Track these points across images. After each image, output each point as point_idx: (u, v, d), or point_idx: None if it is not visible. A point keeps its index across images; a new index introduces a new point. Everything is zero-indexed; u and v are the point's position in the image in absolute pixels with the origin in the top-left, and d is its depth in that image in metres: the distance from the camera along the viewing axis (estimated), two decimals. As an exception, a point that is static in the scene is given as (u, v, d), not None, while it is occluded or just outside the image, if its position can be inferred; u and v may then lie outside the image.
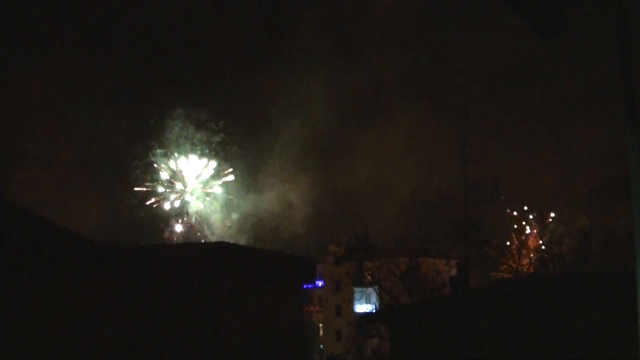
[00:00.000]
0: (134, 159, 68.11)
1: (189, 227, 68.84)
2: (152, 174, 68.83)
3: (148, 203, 69.31)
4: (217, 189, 70.10)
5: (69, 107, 73.93)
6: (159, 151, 68.23)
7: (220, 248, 26.61)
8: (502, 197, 55.77)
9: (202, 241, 65.25)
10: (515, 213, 63.22)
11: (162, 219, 69.42)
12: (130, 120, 70.35)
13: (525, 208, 63.29)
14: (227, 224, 68.19)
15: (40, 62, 73.51)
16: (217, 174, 70.20)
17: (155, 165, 68.86)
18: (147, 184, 68.87)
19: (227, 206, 69.29)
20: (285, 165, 70.25)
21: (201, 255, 23.43)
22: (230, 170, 70.22)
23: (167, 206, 69.57)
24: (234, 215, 68.85)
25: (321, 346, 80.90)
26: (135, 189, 69.07)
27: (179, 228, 70.00)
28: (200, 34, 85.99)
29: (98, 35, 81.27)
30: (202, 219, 69.50)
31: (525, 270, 56.42)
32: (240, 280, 22.63)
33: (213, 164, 70.44)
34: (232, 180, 69.83)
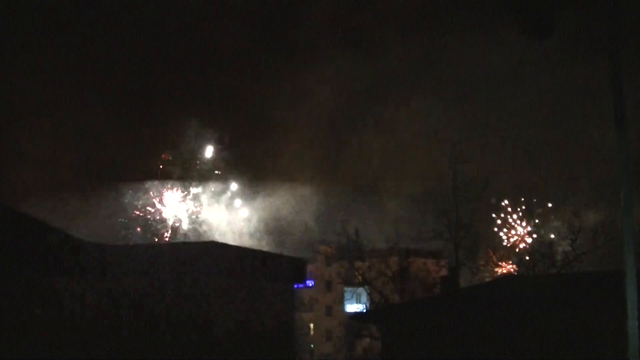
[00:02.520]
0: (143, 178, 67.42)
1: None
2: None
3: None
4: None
5: (69, 108, 73.60)
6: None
7: (211, 247, 26.59)
8: (493, 198, 56.00)
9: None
10: (504, 213, 63.36)
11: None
12: (134, 122, 69.83)
13: (516, 210, 63.40)
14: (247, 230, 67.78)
15: (41, 62, 73.20)
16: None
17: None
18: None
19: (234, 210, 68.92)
20: (286, 165, 70.09)
21: (192, 254, 23.41)
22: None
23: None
24: (255, 220, 68.36)
25: (312, 346, 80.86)
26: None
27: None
28: (199, 31, 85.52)
29: (100, 35, 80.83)
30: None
31: (515, 269, 56.54)
32: (231, 279, 22.61)
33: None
34: (240, 184, 69.44)
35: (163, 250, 27.26)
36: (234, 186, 69.79)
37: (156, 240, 65.55)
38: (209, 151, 69.26)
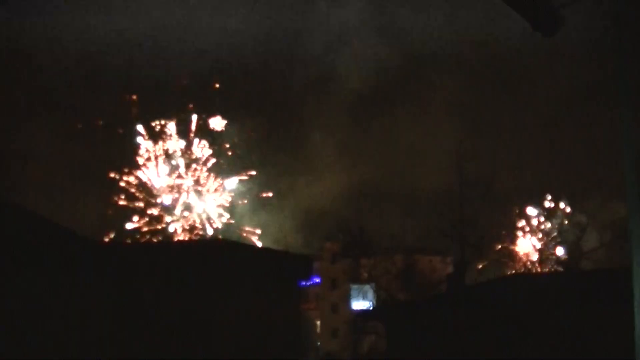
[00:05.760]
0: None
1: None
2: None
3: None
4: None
5: (67, 106, 73.19)
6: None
7: (216, 245, 26.60)
8: (499, 195, 55.82)
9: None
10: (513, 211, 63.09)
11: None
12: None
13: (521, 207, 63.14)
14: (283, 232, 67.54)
15: (38, 60, 72.93)
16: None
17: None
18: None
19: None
20: (308, 158, 69.58)
21: (196, 252, 23.40)
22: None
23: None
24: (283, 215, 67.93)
25: (318, 343, 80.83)
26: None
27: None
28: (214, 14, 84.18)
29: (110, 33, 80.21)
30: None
31: (522, 267, 56.54)
32: (236, 277, 22.58)
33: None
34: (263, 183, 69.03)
35: (168, 248, 27.28)
36: (259, 181, 69.43)
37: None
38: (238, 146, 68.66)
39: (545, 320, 22.66)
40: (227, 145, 68.35)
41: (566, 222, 57.25)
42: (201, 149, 67.88)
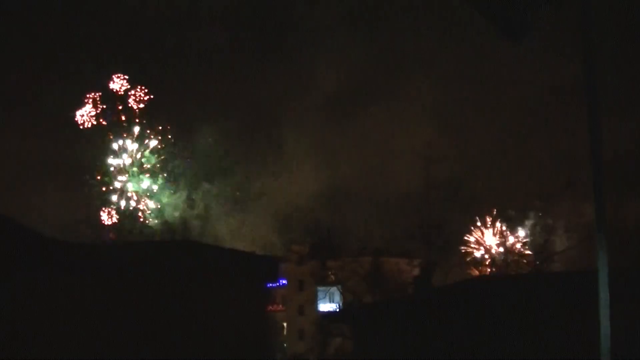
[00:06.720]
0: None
1: None
2: None
3: None
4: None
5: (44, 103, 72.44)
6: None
7: (180, 246, 26.38)
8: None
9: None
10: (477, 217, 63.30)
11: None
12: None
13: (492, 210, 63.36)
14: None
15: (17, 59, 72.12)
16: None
17: None
18: None
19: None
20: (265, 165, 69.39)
21: (160, 253, 23.17)
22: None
23: None
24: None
25: (284, 345, 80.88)
26: None
27: None
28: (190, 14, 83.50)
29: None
30: None
31: (488, 270, 56.82)
32: (201, 279, 22.38)
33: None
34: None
35: (129, 249, 26.99)
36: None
37: None
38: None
39: (512, 322, 22.70)
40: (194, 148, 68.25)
41: (536, 224, 57.53)
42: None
